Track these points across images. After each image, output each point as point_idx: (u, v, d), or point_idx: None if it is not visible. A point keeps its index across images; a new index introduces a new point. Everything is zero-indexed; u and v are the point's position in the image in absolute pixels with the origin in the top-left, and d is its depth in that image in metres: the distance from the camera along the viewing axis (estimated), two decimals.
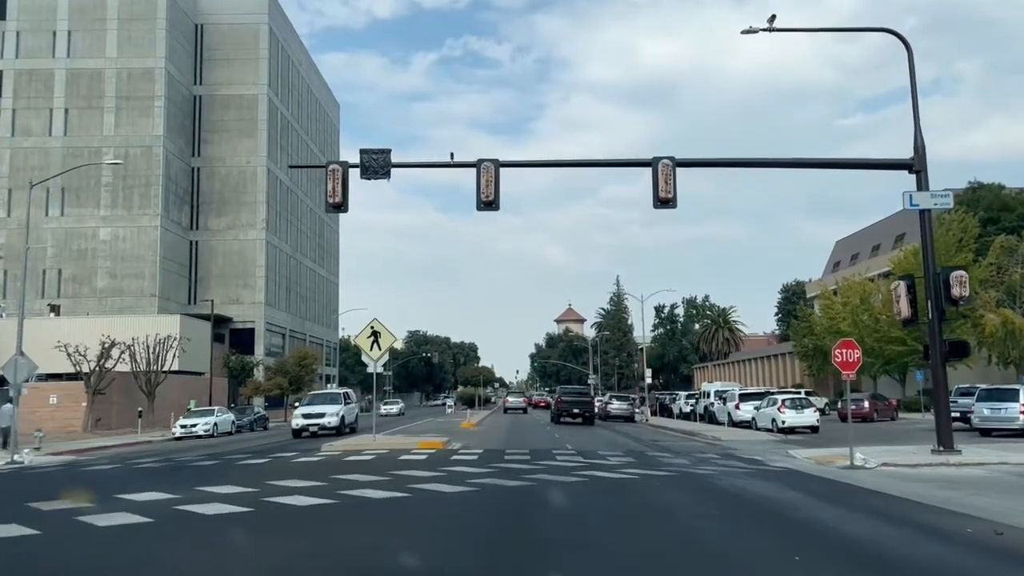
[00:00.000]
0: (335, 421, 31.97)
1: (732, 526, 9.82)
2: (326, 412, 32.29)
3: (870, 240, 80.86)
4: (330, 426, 31.63)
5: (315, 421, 31.88)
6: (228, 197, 72.49)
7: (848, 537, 9.02)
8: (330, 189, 19.43)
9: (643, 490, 13.17)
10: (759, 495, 12.87)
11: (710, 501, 11.96)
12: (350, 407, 34.61)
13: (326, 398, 34.90)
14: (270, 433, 40.41)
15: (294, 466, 17.92)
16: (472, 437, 28.86)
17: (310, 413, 32.47)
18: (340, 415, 32.47)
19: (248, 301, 71.74)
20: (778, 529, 9.73)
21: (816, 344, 60.28)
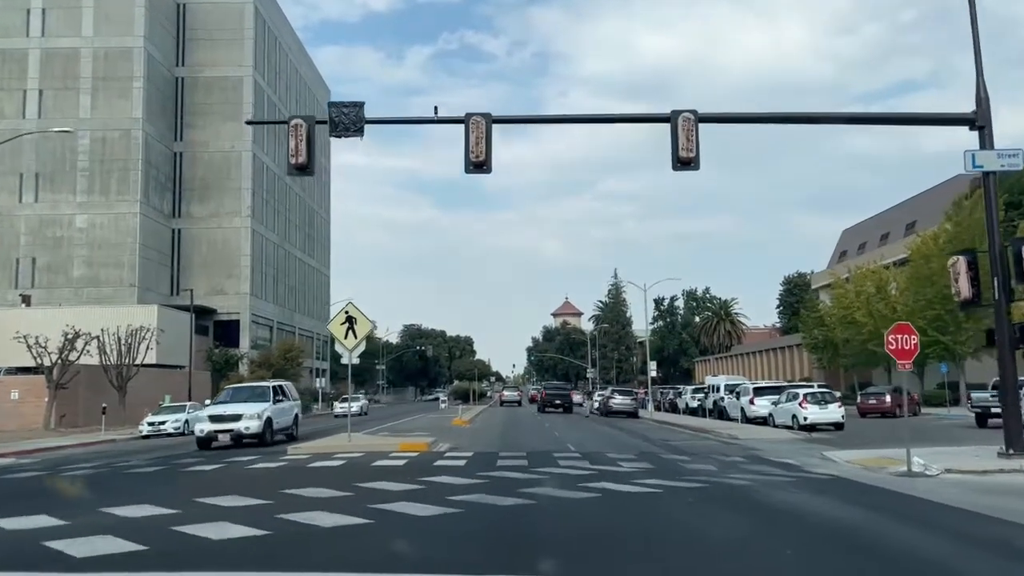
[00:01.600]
0: (256, 426, 23.01)
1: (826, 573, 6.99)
2: (243, 413, 23.25)
3: (878, 229, 78.24)
4: (248, 432, 22.92)
5: (227, 426, 22.96)
6: (212, 183, 69.47)
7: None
8: (292, 147, 16.59)
9: (675, 511, 10.34)
10: (824, 516, 10.07)
11: (768, 528, 9.15)
12: (282, 406, 25.66)
13: (247, 393, 25.91)
14: None
15: (243, 475, 15.09)
16: (463, 436, 26.03)
17: (221, 415, 23.54)
18: (264, 417, 23.41)
19: (233, 292, 68.79)
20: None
21: (827, 336, 57.63)
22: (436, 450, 19.65)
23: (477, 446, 21.26)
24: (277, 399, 25.28)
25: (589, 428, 33.19)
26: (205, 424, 23.53)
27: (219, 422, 23.29)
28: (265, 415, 23.57)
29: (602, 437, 26.77)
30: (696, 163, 16.45)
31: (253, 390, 26.58)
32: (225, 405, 24.46)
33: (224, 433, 22.96)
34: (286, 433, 25.56)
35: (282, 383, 28.81)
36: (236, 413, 23.36)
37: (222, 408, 24.14)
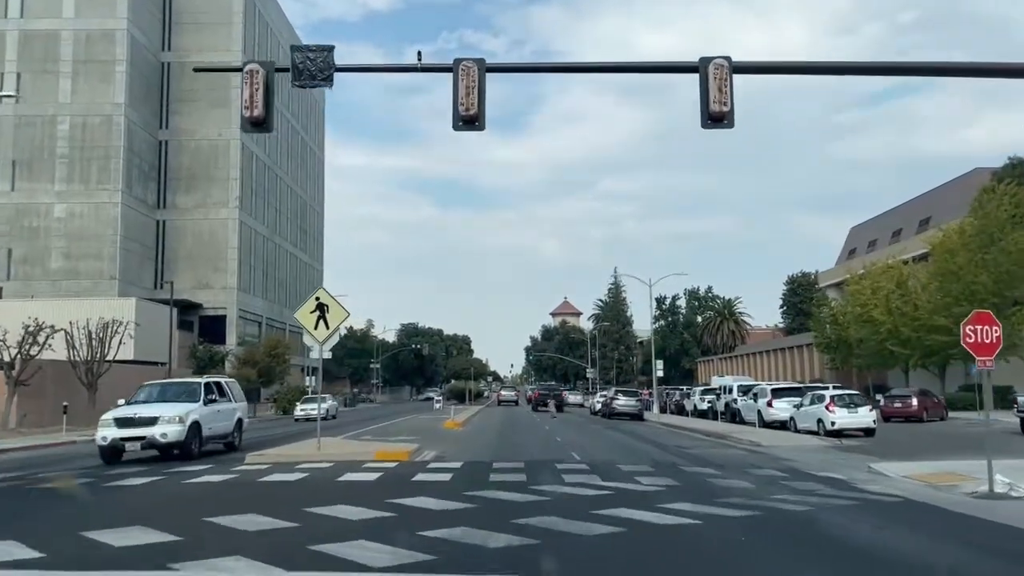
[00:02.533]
0: (175, 432, 17.88)
1: None
2: (160, 416, 18.08)
3: (889, 226, 75.65)
4: (165, 441, 17.85)
5: (137, 432, 17.72)
6: (198, 173, 66.69)
7: None
8: (247, 98, 13.83)
9: (731, 556, 7.58)
10: (928, 564, 7.33)
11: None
12: (218, 408, 20.44)
13: (172, 391, 20.68)
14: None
15: (171, 494, 12.35)
16: (453, 441, 23.29)
17: (130, 418, 18.17)
18: (188, 421, 18.30)
19: (219, 286, 66.00)
20: None
21: (840, 335, 54.91)
22: (419, 459, 16.89)
23: (468, 454, 18.53)
24: (210, 399, 20.12)
25: (593, 432, 30.43)
26: (109, 430, 17.83)
27: (127, 427, 17.86)
28: (190, 419, 18.42)
29: (609, 443, 24.03)
30: (730, 120, 13.70)
31: (179, 387, 21.31)
32: (139, 406, 19.14)
33: (133, 441, 17.71)
34: (224, 441, 20.83)
35: (221, 379, 23.51)
36: (151, 416, 18.10)
37: (134, 409, 18.73)
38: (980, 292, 39.15)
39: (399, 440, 22.41)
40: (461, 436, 26.23)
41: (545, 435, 27.59)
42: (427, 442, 21.74)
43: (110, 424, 18.04)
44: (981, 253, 39.85)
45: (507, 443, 23.16)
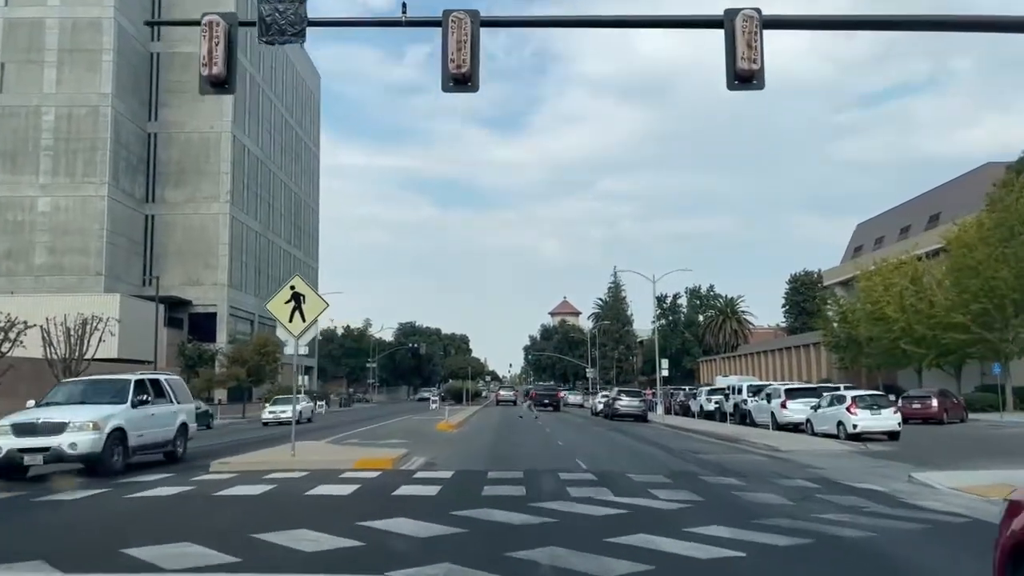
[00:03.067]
0: (88, 442, 14.38)
1: None
2: (70, 422, 14.54)
3: (896, 222, 73.98)
4: (76, 453, 14.39)
5: (41, 442, 14.26)
6: (188, 166, 64.89)
7: None
8: (204, 54, 12.04)
9: None
10: None
11: None
12: (151, 412, 16.64)
13: (89, 391, 16.76)
14: (207, 433, 33.02)
15: (109, 511, 10.54)
16: (445, 446, 21.47)
17: (32, 424, 14.65)
18: (107, 428, 14.80)
19: (210, 282, 64.23)
20: None
21: (849, 333, 53.11)
22: (405, 467, 15.07)
23: (461, 461, 16.73)
24: (141, 400, 16.23)
25: (596, 435, 28.61)
26: (5, 438, 14.21)
27: (28, 435, 14.20)
28: (110, 425, 14.70)
29: (615, 447, 22.23)
30: (760, 79, 11.90)
31: (102, 386, 17.13)
32: (48, 408, 15.43)
33: (34, 453, 14.05)
34: (163, 451, 17.18)
35: (161, 376, 19.30)
36: (58, 421, 14.43)
37: (39, 413, 15.06)
38: (1000, 288, 37.44)
39: (387, 444, 20.62)
40: (455, 439, 24.42)
41: (546, 438, 25.79)
42: (417, 446, 19.92)
43: (7, 432, 14.28)
44: (1001, 247, 38.12)
45: (505, 448, 21.33)
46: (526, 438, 25.59)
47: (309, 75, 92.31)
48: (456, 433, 27.60)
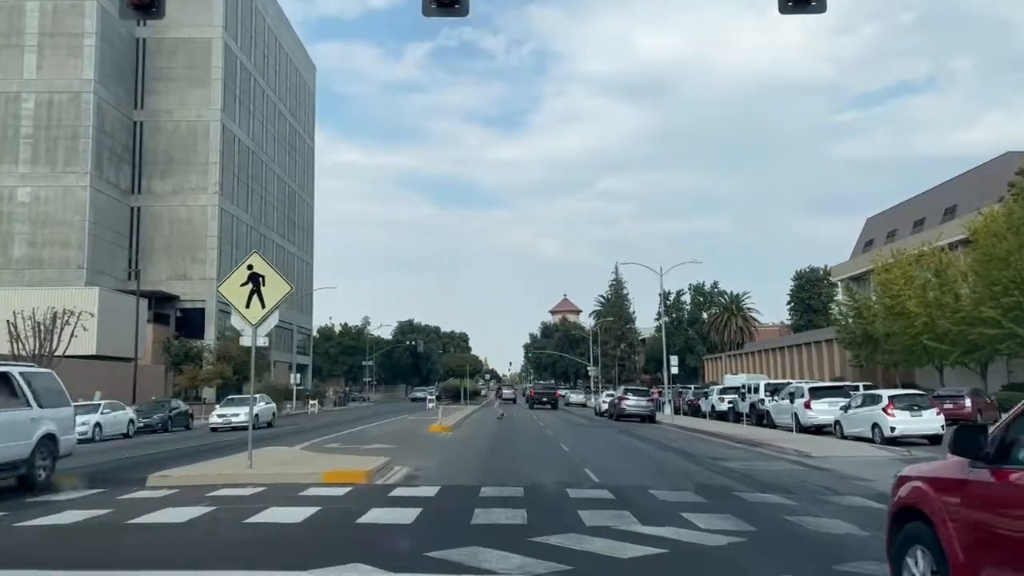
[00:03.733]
0: None
1: None
2: None
3: (909, 215, 71.47)
4: None
5: None
6: (175, 156, 62.43)
7: None
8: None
9: None
10: None
11: None
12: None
13: None
14: (184, 435, 30.62)
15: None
16: (435, 452, 19.03)
17: None
18: None
19: (198, 277, 61.75)
20: None
21: (865, 329, 50.61)
22: (382, 481, 12.61)
23: (450, 473, 14.28)
24: None
25: (604, 438, 26.15)
26: None
27: None
28: None
29: (627, 454, 19.77)
30: (821, 2, 9.53)
31: None
32: None
33: None
34: (15, 474, 12.56)
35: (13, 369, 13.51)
36: None
37: None
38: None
39: (370, 450, 18.19)
40: (448, 444, 21.97)
41: (549, 442, 23.35)
42: (402, 453, 17.50)
43: None
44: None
45: (503, 455, 18.89)
46: (527, 443, 23.16)
47: (304, 66, 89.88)
48: (450, 436, 25.13)
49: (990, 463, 4.63)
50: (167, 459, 17.18)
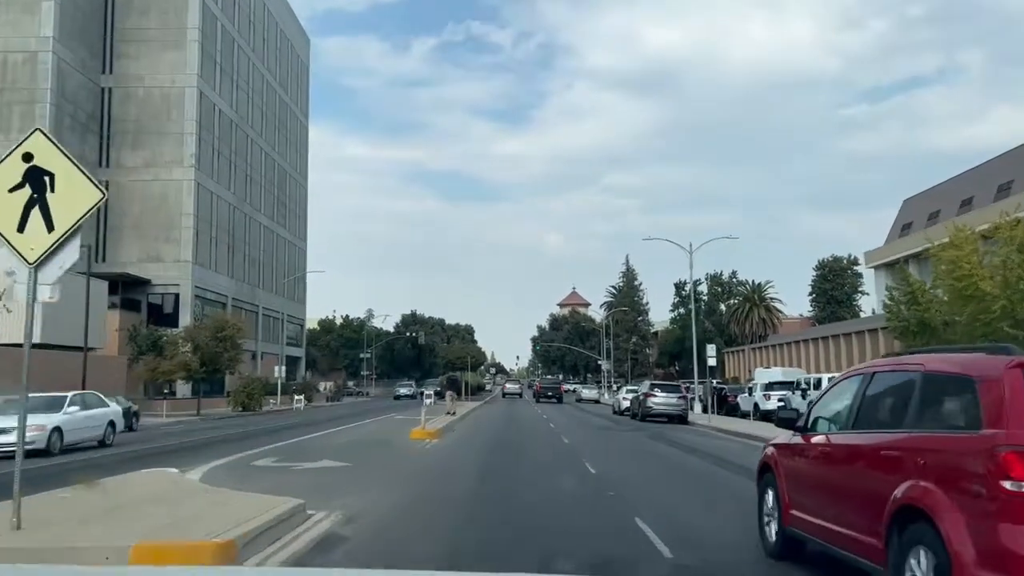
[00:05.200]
0: None
1: None
2: None
3: (954, 195, 65.24)
4: None
5: None
6: (147, 126, 56.47)
7: None
8: None
9: None
10: None
11: None
12: None
13: None
14: (120, 440, 24.63)
15: None
16: (401, 477, 12.91)
17: None
18: None
19: (171, 259, 55.82)
20: None
21: (921, 317, 44.39)
22: (258, 558, 6.58)
23: (403, 532, 8.16)
24: None
25: (640, 449, 20.05)
26: None
27: None
28: None
29: (689, 480, 13.70)
30: None
31: None
32: None
33: None
34: None
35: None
36: None
37: None
38: None
39: (303, 474, 12.18)
40: (425, 462, 15.83)
41: (566, 457, 17.28)
42: (349, 481, 11.53)
43: None
44: None
45: (500, 483, 12.68)
46: (536, 459, 17.00)
47: (297, 37, 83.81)
48: (434, 446, 18.99)
49: (802, 432, 7.19)
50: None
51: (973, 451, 4.89)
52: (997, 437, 4.75)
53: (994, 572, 4.54)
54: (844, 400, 6.73)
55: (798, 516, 6.79)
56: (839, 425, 6.62)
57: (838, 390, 7.11)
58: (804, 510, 6.70)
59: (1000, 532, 4.56)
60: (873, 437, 5.96)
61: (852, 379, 6.96)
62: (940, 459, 5.14)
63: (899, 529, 5.28)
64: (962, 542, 4.71)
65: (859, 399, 6.42)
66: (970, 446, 4.93)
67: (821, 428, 6.89)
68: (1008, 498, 4.54)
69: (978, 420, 4.99)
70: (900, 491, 5.26)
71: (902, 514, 5.24)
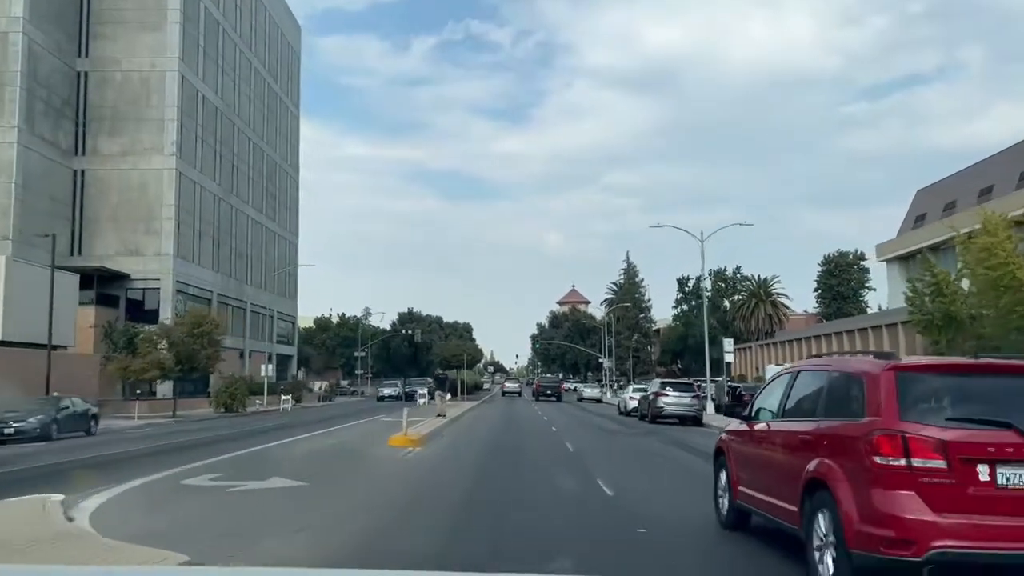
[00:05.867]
0: None
1: None
2: None
3: (970, 185, 62.47)
4: None
5: None
6: (125, 111, 53.59)
7: None
8: None
9: None
10: None
11: None
12: None
13: None
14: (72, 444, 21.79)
15: None
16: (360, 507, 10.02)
17: None
18: None
19: (152, 252, 52.95)
20: None
21: (947, 310, 41.59)
22: None
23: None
24: None
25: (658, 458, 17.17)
26: None
27: None
28: None
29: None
30: None
31: None
32: None
33: None
34: None
35: None
36: None
37: None
38: None
39: (244, 493, 9.39)
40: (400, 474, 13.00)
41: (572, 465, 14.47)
42: (284, 509, 8.75)
43: None
44: None
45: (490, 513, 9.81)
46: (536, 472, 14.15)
47: (287, 24, 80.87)
48: (414, 456, 16.07)
49: (747, 420, 8.28)
50: None
51: (857, 434, 5.98)
52: (873, 423, 5.90)
53: (871, 526, 5.66)
54: (777, 394, 7.82)
55: (744, 492, 7.94)
56: (773, 414, 7.71)
57: (774, 385, 8.20)
58: (748, 486, 7.85)
59: (873, 496, 5.70)
60: (795, 424, 7.07)
61: (784, 376, 8.06)
62: (837, 441, 6.26)
63: (809, 497, 6.36)
64: (850, 505, 5.83)
65: (787, 393, 7.57)
66: (856, 431, 6.03)
67: (762, 417, 7.97)
68: (879, 470, 5.72)
69: (863, 410, 6.10)
70: (811, 467, 6.34)
71: (811, 485, 6.32)
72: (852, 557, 5.67)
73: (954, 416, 5.73)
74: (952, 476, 5.50)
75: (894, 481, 5.57)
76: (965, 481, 5.50)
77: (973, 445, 5.58)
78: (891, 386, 5.85)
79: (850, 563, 5.68)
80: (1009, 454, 5.52)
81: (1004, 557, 5.45)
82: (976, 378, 6.21)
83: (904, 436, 5.60)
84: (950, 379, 6.13)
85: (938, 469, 5.52)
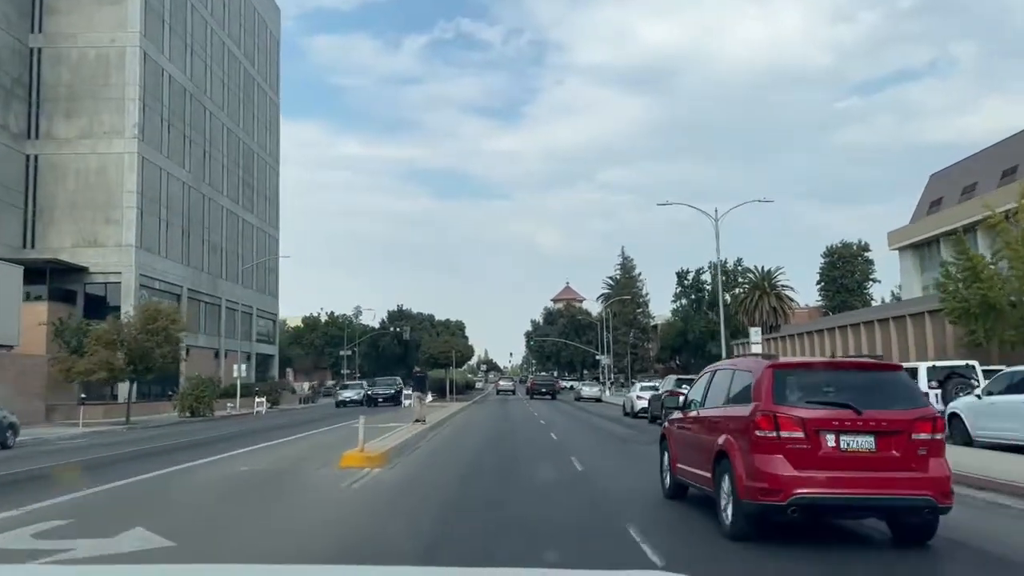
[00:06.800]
0: None
1: None
2: None
3: (988, 168, 59.04)
4: None
5: None
6: (82, 91, 49.31)
7: None
8: None
9: None
10: None
11: None
12: None
13: None
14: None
15: None
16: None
17: None
18: None
19: (112, 243, 48.67)
20: None
21: (984, 296, 37.72)
22: None
23: None
24: None
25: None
26: None
27: None
28: None
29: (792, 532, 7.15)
30: None
31: None
32: None
33: None
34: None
35: None
36: None
37: None
38: None
39: (70, 555, 5.35)
40: (335, 523, 8.72)
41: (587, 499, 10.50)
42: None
43: None
44: None
45: None
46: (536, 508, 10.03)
47: (264, 4, 76.50)
48: (370, 482, 11.59)
49: (682, 410, 10.41)
50: None
51: (746, 415, 8.06)
52: (756, 407, 7.95)
53: (753, 481, 7.64)
54: (701, 388, 10.11)
55: (680, 467, 10.14)
56: (698, 404, 9.94)
57: (702, 381, 10.39)
58: (682, 462, 10.03)
59: (755, 460, 7.70)
60: (711, 411, 9.32)
61: (707, 374, 10.36)
62: (734, 421, 8.38)
63: (717, 465, 8.47)
64: (740, 468, 7.87)
65: (707, 387, 9.84)
66: (745, 413, 8.11)
67: (692, 407, 10.13)
68: (759, 441, 7.74)
69: (750, 398, 8.21)
70: (719, 441, 8.46)
71: (718, 456, 8.44)
72: (742, 505, 7.78)
73: (812, 400, 7.90)
74: (808, 443, 7.62)
75: (769, 448, 7.67)
76: (817, 446, 7.63)
77: (823, 420, 7.69)
78: (769, 380, 8.04)
79: (741, 510, 7.81)
80: (848, 426, 7.65)
81: (845, 500, 7.61)
82: (830, 373, 8.59)
83: (775, 415, 7.73)
84: (811, 374, 8.56)
85: (799, 438, 7.64)
